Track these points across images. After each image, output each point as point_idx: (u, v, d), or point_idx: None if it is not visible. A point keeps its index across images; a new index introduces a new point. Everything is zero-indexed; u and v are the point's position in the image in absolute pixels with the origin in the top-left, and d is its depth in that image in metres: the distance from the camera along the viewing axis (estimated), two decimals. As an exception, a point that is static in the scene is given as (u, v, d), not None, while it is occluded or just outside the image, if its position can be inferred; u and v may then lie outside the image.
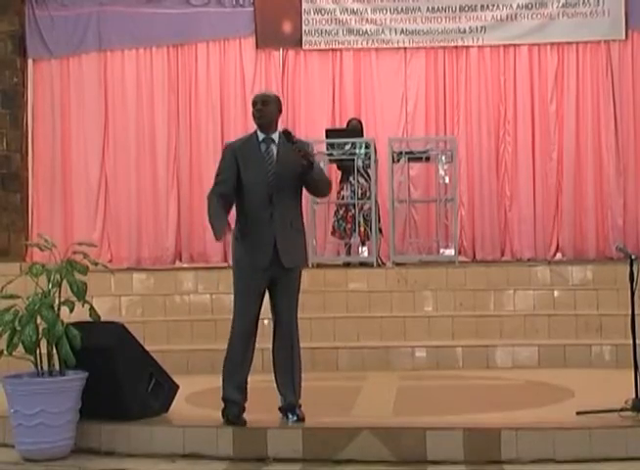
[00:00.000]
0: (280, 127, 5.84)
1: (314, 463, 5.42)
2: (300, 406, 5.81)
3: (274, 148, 5.77)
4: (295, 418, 5.75)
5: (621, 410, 5.61)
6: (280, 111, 5.89)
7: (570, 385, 7.05)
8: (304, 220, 6.00)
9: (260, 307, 5.77)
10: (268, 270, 5.69)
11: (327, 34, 11.24)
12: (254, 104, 5.83)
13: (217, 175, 5.83)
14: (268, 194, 5.68)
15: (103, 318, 6.11)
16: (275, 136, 5.81)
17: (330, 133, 10.60)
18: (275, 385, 5.86)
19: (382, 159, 10.46)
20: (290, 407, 5.80)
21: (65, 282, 5.75)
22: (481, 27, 11.17)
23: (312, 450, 5.49)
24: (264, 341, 5.89)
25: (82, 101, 11.42)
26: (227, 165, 5.77)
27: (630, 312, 5.83)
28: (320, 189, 5.99)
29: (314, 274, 9.59)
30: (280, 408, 5.84)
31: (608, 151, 11.01)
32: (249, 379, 5.79)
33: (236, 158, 5.74)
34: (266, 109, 5.78)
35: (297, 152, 5.65)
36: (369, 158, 10.28)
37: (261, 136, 5.80)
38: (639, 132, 11.01)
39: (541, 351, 8.20)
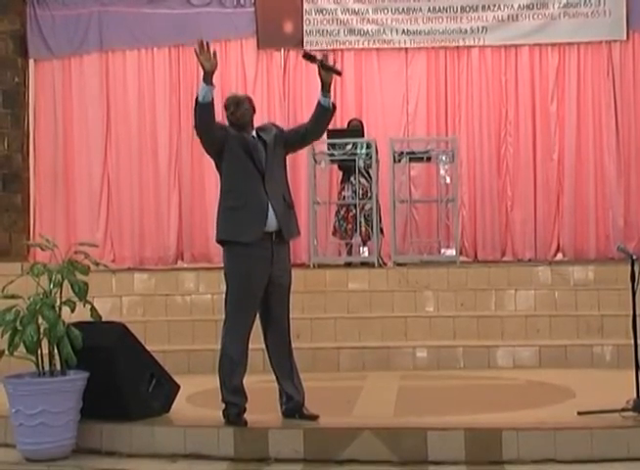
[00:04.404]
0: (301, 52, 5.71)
1: (315, 463, 5.42)
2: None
3: (257, 142, 5.75)
4: (305, 417, 5.75)
5: (623, 410, 5.61)
6: (254, 109, 5.84)
7: (571, 385, 7.05)
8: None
9: (257, 308, 5.71)
10: (269, 248, 5.62)
11: (328, 34, 11.24)
12: (227, 107, 5.80)
13: None
14: (261, 169, 5.65)
15: (104, 318, 6.12)
16: (253, 133, 5.79)
17: (331, 133, 10.58)
18: (277, 388, 5.85)
19: (383, 159, 10.46)
20: (297, 407, 5.79)
21: (66, 282, 5.76)
22: (483, 28, 11.17)
23: (313, 451, 5.49)
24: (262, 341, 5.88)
25: (84, 101, 11.43)
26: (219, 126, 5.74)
27: (631, 313, 5.83)
28: (328, 119, 5.90)
29: (315, 274, 9.61)
30: (284, 412, 5.82)
31: (609, 151, 11.02)
32: (248, 379, 5.77)
33: (226, 129, 5.70)
34: (240, 110, 5.75)
35: (327, 69, 5.69)
36: (370, 158, 10.29)
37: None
38: (640, 132, 11.04)
39: (542, 351, 8.20)
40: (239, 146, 5.67)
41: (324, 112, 5.78)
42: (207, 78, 5.50)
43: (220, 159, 5.73)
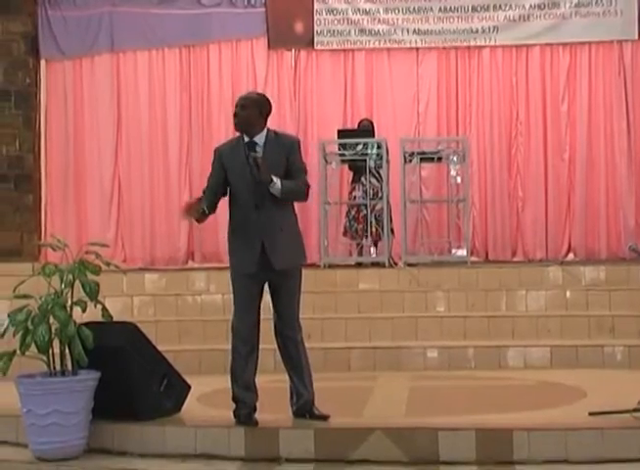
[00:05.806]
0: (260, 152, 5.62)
1: (326, 463, 5.41)
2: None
3: (259, 151, 5.68)
4: (316, 417, 5.75)
5: (634, 411, 5.59)
6: (263, 112, 5.72)
7: (582, 385, 7.02)
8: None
9: (259, 307, 5.73)
10: (259, 274, 5.64)
11: (339, 35, 11.25)
12: (235, 106, 5.77)
13: (208, 179, 5.86)
14: (254, 198, 5.63)
15: (115, 318, 6.12)
16: (259, 139, 5.70)
17: (342, 134, 10.60)
18: (289, 387, 5.85)
19: (393, 159, 10.45)
20: (307, 405, 5.79)
21: (77, 282, 5.77)
22: (494, 27, 11.16)
23: (324, 451, 5.49)
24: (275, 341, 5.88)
25: (95, 102, 11.47)
26: (214, 172, 5.78)
27: (643, 313, 5.82)
28: (293, 199, 5.88)
29: (326, 275, 9.62)
30: (295, 412, 5.82)
31: (620, 151, 11.00)
32: (259, 379, 5.79)
33: (222, 163, 5.71)
34: (243, 113, 5.68)
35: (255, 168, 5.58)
36: (381, 158, 10.28)
37: (245, 139, 5.73)
38: (650, 132, 11.01)
39: (553, 351, 8.17)
40: (234, 174, 5.68)
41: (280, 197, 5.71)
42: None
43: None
